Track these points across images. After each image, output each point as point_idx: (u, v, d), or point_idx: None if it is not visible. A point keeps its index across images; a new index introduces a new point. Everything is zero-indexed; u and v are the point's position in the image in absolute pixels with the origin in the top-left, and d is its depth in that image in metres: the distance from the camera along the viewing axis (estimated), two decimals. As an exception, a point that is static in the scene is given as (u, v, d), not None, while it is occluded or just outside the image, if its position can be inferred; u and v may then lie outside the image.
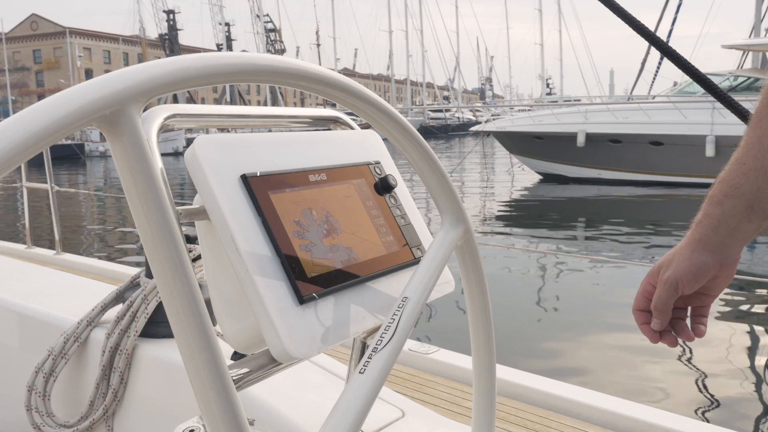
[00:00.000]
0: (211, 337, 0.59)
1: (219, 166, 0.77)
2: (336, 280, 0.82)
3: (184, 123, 0.90)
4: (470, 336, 0.96)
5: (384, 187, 0.94)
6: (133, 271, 2.57)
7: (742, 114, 1.04)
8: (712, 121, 15.17)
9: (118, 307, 1.61)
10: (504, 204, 14.57)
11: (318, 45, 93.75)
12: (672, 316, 0.88)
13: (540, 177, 18.37)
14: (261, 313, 0.73)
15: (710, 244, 0.80)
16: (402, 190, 0.99)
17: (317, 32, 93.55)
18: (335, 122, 1.13)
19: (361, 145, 0.99)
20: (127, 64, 79.73)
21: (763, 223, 0.79)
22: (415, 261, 0.94)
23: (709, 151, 15.14)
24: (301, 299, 0.77)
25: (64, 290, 2.09)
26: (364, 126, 1.08)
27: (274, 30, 71.37)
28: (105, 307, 1.61)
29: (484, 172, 21.42)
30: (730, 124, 14.91)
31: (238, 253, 0.74)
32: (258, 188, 0.79)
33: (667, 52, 1.08)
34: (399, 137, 0.82)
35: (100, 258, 5.83)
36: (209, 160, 0.77)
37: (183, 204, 0.82)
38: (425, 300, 0.82)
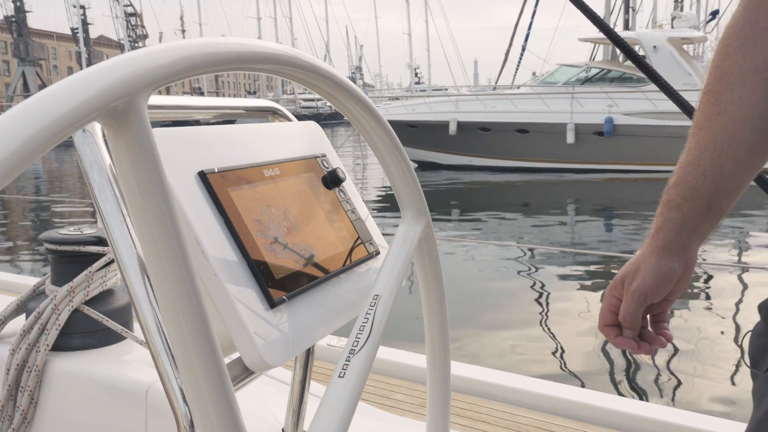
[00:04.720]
0: (218, 358, 0.56)
1: (175, 162, 0.72)
2: (301, 281, 0.79)
3: None
4: (425, 332, 0.96)
5: (333, 180, 0.92)
6: (26, 279, 2.35)
7: (685, 107, 1.10)
8: (572, 110, 16.17)
9: (20, 320, 1.47)
10: (380, 191, 14.76)
11: (183, 31, 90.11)
12: None
13: (415, 164, 18.80)
14: (233, 321, 0.70)
15: (673, 250, 0.81)
16: (348, 184, 0.98)
17: (182, 17, 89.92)
18: (273, 114, 1.09)
19: (305, 138, 0.96)
20: (-33, 47, 72.61)
21: (719, 221, 0.81)
22: (370, 256, 0.94)
23: (570, 138, 16.15)
24: (272, 303, 0.74)
25: None
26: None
27: (134, 14, 67.77)
28: (5, 319, 1.46)
29: (359, 160, 21.59)
30: (587, 113, 16.00)
31: (204, 257, 0.69)
32: (217, 185, 0.75)
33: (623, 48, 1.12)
34: (370, 129, 0.81)
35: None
36: (165, 155, 0.71)
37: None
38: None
